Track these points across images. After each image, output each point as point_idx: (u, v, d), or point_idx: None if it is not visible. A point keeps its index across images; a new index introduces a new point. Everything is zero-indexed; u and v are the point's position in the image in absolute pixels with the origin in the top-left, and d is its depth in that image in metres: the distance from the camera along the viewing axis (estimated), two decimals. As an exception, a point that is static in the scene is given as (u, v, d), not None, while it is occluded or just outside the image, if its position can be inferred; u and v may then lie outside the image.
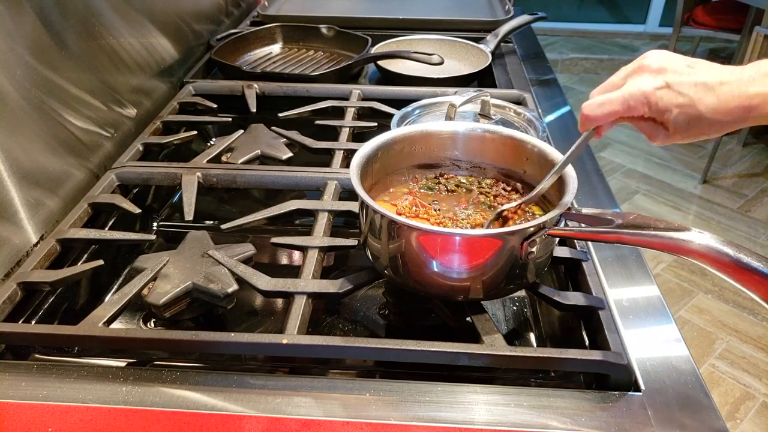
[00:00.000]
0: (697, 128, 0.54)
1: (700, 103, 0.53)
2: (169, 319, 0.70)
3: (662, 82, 0.54)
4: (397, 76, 1.22)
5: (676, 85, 0.54)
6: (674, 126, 0.55)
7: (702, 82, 0.53)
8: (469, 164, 0.78)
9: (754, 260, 0.48)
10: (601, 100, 0.57)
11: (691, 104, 0.53)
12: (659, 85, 0.54)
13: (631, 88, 0.56)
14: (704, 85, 0.53)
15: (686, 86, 0.53)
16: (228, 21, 1.54)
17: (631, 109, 0.56)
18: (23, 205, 0.74)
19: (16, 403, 0.56)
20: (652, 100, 0.55)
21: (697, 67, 0.54)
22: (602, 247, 0.77)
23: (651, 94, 0.54)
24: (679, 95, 0.54)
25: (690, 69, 0.54)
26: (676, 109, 0.54)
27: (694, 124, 0.54)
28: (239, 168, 0.90)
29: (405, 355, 0.59)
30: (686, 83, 0.53)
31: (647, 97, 0.55)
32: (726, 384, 1.83)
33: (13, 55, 0.75)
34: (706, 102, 0.53)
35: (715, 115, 0.53)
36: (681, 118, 0.54)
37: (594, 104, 0.58)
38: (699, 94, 0.53)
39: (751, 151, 3.05)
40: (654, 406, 0.56)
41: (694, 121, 0.54)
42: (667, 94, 0.54)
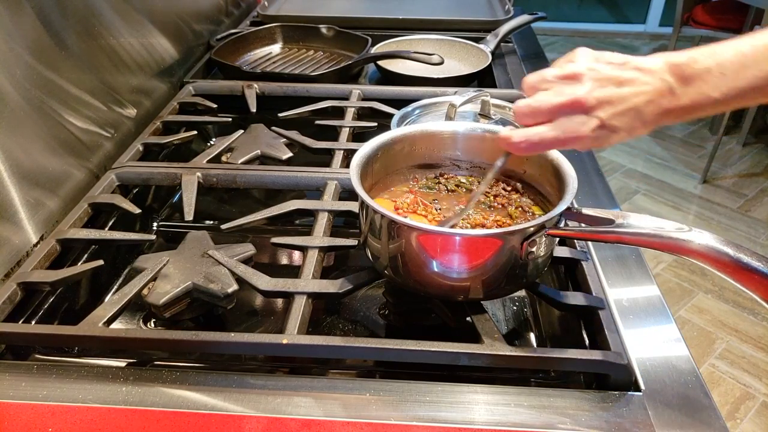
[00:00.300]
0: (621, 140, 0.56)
1: (628, 131, 0.54)
2: (169, 319, 0.70)
3: (597, 121, 0.54)
4: (397, 76, 1.22)
5: (609, 120, 0.54)
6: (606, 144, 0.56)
7: (632, 108, 0.53)
8: (469, 164, 0.78)
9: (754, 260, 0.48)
10: (534, 138, 0.56)
11: (620, 134, 0.54)
12: (595, 125, 0.54)
13: (569, 131, 0.55)
14: (634, 111, 0.53)
15: (617, 118, 0.54)
16: (228, 21, 1.54)
17: (565, 145, 0.56)
18: (23, 205, 0.74)
19: (16, 403, 0.56)
20: (587, 142, 0.55)
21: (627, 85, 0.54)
22: (602, 247, 0.77)
23: (586, 138, 0.54)
24: (610, 131, 0.54)
25: (620, 89, 0.54)
26: (604, 141, 0.55)
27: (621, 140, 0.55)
28: (239, 168, 0.90)
29: (405, 355, 0.59)
30: (618, 115, 0.53)
31: (582, 141, 0.55)
32: (726, 384, 1.83)
33: (12, 55, 0.75)
34: (634, 127, 0.54)
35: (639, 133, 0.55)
36: (608, 142, 0.55)
37: (530, 143, 0.56)
38: (629, 123, 0.54)
39: (751, 150, 3.05)
40: (654, 405, 0.56)
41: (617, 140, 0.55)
42: (602, 133, 0.54)
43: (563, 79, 0.56)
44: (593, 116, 0.54)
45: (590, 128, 0.54)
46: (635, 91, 0.53)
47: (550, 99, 0.55)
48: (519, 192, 0.74)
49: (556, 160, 0.68)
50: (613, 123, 0.54)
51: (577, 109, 0.54)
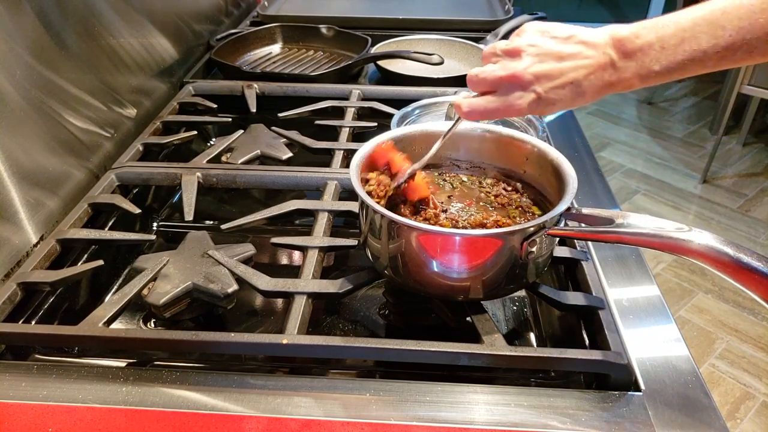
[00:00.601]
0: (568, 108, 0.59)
1: (569, 102, 0.57)
2: (169, 319, 0.70)
3: (533, 95, 0.57)
4: (397, 76, 1.22)
5: (546, 93, 0.56)
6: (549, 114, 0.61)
7: (571, 82, 0.56)
8: (469, 164, 0.78)
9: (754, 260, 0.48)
10: (481, 108, 0.60)
11: (560, 104, 0.57)
12: (531, 99, 0.57)
13: (507, 104, 0.58)
14: (573, 85, 0.56)
15: (555, 91, 0.56)
16: (228, 21, 1.54)
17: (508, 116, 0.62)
18: (23, 206, 0.74)
19: (16, 404, 0.56)
20: (525, 112, 0.59)
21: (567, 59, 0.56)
22: (602, 247, 0.77)
23: (524, 110, 0.58)
24: (548, 103, 0.57)
25: (560, 63, 0.56)
26: (545, 109, 0.58)
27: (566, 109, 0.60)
28: (239, 168, 0.90)
29: (405, 355, 0.59)
30: (556, 88, 0.56)
31: (521, 112, 0.58)
32: (726, 384, 1.83)
33: (12, 55, 0.75)
34: (574, 99, 0.57)
35: (583, 103, 0.57)
36: (550, 111, 0.58)
37: (474, 111, 0.60)
38: (569, 95, 0.56)
39: (751, 150, 3.05)
40: (654, 405, 0.56)
41: (565, 108, 0.60)
42: (539, 105, 0.57)
43: (507, 53, 0.59)
44: (530, 90, 0.57)
45: (527, 102, 0.57)
46: (575, 65, 0.56)
47: (494, 72, 0.59)
48: (519, 192, 0.74)
49: (556, 160, 0.68)
50: (551, 96, 0.56)
51: (515, 83, 0.57)
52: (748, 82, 2.49)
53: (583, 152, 1.00)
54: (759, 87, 2.48)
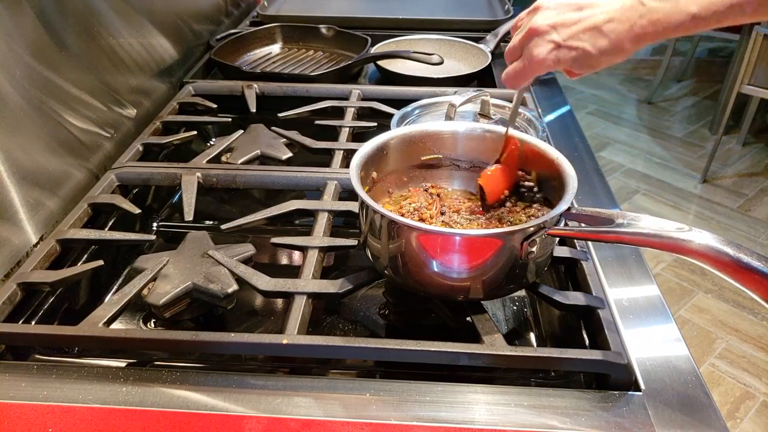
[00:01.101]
0: (600, 64, 0.58)
1: (593, 49, 0.56)
2: (169, 319, 0.70)
3: (551, 44, 0.58)
4: (396, 76, 1.22)
5: (566, 41, 0.57)
6: (579, 69, 0.59)
7: (591, 27, 0.56)
8: (469, 164, 0.78)
9: (754, 260, 0.48)
10: (512, 72, 0.62)
11: (585, 53, 0.57)
12: (549, 48, 0.58)
13: (527, 58, 0.60)
14: (593, 30, 0.56)
15: (576, 38, 0.56)
16: (227, 21, 1.54)
17: (536, 74, 0.61)
18: (23, 206, 0.74)
19: (16, 404, 0.56)
20: (549, 64, 0.59)
21: (587, 8, 0.56)
22: (602, 247, 0.77)
23: (546, 60, 0.58)
24: (570, 50, 0.57)
25: (579, 12, 0.56)
26: (572, 61, 0.58)
27: (596, 62, 0.57)
28: (239, 168, 0.90)
29: (405, 355, 0.59)
30: (575, 35, 0.56)
31: (545, 63, 0.59)
32: (726, 383, 1.83)
33: (12, 55, 0.75)
34: (599, 46, 0.56)
35: (612, 52, 0.56)
36: (581, 64, 0.58)
37: (509, 77, 0.63)
38: (590, 41, 0.56)
39: (751, 150, 3.05)
40: (654, 405, 0.56)
41: (595, 61, 0.57)
42: (560, 53, 0.58)
43: (529, 13, 0.60)
44: (548, 40, 0.58)
45: (546, 51, 0.58)
46: (593, 12, 0.56)
47: (517, 36, 0.61)
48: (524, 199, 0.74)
49: (556, 160, 0.68)
50: (571, 43, 0.57)
51: (533, 35, 0.59)
52: (747, 82, 2.49)
53: (583, 152, 1.00)
54: (759, 87, 2.48)
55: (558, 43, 0.57)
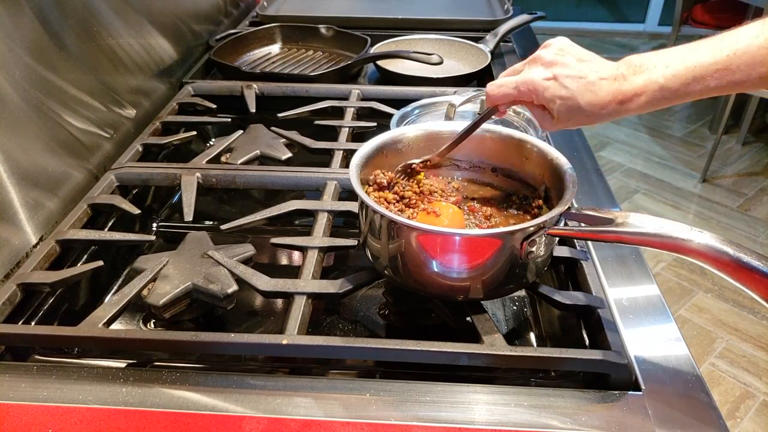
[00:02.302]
0: (577, 118, 0.61)
1: (579, 97, 0.60)
2: (168, 319, 0.70)
3: (550, 74, 0.61)
4: (396, 76, 1.22)
5: (561, 78, 0.61)
6: (557, 114, 0.62)
7: (584, 78, 0.60)
8: (468, 164, 0.78)
9: (753, 259, 0.48)
10: (499, 82, 0.66)
11: (572, 97, 0.60)
12: (548, 76, 0.61)
13: (525, 76, 0.63)
14: (585, 81, 0.60)
15: (570, 80, 0.60)
16: (227, 21, 1.54)
17: (522, 95, 0.64)
18: (23, 206, 0.74)
19: (16, 404, 0.56)
20: (539, 90, 0.62)
21: (587, 63, 0.61)
22: (602, 247, 0.77)
23: (539, 84, 0.62)
24: (562, 88, 0.60)
25: (579, 64, 0.61)
26: (558, 100, 0.61)
27: (575, 114, 0.61)
28: (239, 168, 0.90)
29: (405, 355, 0.59)
30: (571, 77, 0.60)
31: (535, 86, 0.62)
32: (726, 383, 1.83)
33: (12, 56, 0.75)
34: (585, 97, 0.60)
35: (592, 108, 0.60)
36: (563, 108, 0.61)
37: (494, 85, 0.66)
38: (580, 89, 0.60)
39: (751, 150, 3.05)
40: (654, 405, 0.56)
41: (575, 111, 0.61)
42: (552, 86, 0.61)
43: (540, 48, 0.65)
44: (549, 70, 0.61)
45: (544, 76, 0.61)
46: (590, 69, 0.61)
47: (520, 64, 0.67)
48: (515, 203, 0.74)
49: (556, 160, 0.68)
50: (566, 82, 0.60)
51: (537, 62, 0.63)
52: (747, 82, 2.48)
53: (583, 152, 1.00)
54: (758, 86, 2.48)
55: (556, 76, 0.61)
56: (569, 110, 0.61)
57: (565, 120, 0.62)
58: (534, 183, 0.72)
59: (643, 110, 0.59)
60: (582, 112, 0.60)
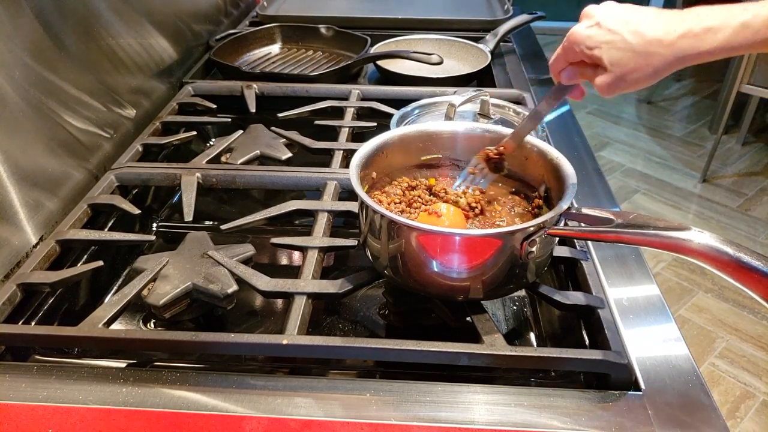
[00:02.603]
0: (634, 63, 0.56)
1: (629, 38, 0.56)
2: (168, 319, 0.70)
3: (593, 22, 0.58)
4: (396, 76, 1.22)
5: (605, 22, 0.57)
6: (609, 63, 0.57)
7: (633, 21, 0.56)
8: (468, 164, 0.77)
9: (754, 259, 0.48)
10: (553, 56, 0.63)
11: (621, 40, 0.56)
12: (589, 24, 0.59)
13: (567, 35, 0.61)
14: (634, 24, 0.56)
15: (615, 23, 0.57)
16: (227, 21, 1.54)
17: (568, 52, 0.60)
18: (23, 206, 0.74)
19: (16, 405, 0.56)
20: (581, 39, 0.59)
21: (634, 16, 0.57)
22: (602, 247, 0.77)
23: (581, 33, 0.59)
24: (608, 32, 0.57)
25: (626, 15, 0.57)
26: (605, 45, 0.57)
27: (628, 58, 0.56)
28: (239, 168, 0.90)
29: (405, 355, 0.59)
30: (617, 22, 0.57)
31: (576, 37, 0.59)
32: (726, 383, 1.83)
33: (11, 56, 0.75)
34: (635, 40, 0.56)
35: (645, 54, 0.56)
36: (613, 53, 0.57)
37: (550, 62, 0.64)
38: (627, 30, 0.56)
39: (751, 149, 3.05)
40: (654, 405, 0.56)
41: (626, 58, 0.56)
42: (596, 32, 0.58)
43: None
44: (591, 18, 0.59)
45: (586, 25, 0.59)
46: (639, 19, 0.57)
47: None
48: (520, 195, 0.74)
49: (556, 160, 0.68)
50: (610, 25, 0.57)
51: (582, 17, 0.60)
52: (747, 81, 2.49)
53: (583, 152, 1.00)
54: (758, 86, 2.48)
55: (599, 22, 0.58)
56: (620, 58, 0.56)
57: (618, 71, 0.57)
58: (534, 183, 0.72)
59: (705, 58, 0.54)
60: (636, 54, 0.56)
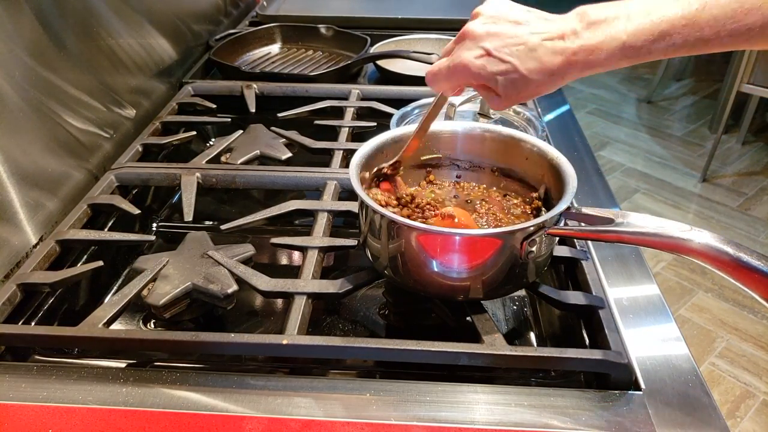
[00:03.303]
0: (527, 90, 0.54)
1: (522, 67, 0.53)
2: (168, 319, 0.69)
3: (481, 50, 0.54)
4: (396, 76, 1.22)
5: (495, 51, 0.53)
6: (503, 91, 0.55)
7: (523, 44, 0.52)
8: (468, 163, 0.78)
9: (753, 259, 0.48)
10: (434, 69, 0.59)
11: (513, 70, 0.53)
12: (479, 54, 0.54)
13: (454, 59, 0.56)
14: (525, 48, 0.52)
15: (506, 52, 0.53)
16: (227, 21, 1.54)
17: (458, 80, 0.57)
18: (23, 207, 0.74)
19: (16, 405, 0.56)
20: (474, 71, 0.55)
21: (524, 25, 0.54)
22: (602, 246, 0.76)
23: (471, 65, 0.55)
24: (500, 62, 0.53)
25: (515, 28, 0.54)
26: (498, 76, 0.54)
27: (522, 86, 0.54)
28: (238, 168, 0.90)
29: (405, 355, 0.59)
30: (507, 48, 0.53)
31: (469, 69, 0.55)
32: (726, 382, 1.83)
33: (11, 56, 0.75)
34: (528, 66, 0.52)
35: (540, 76, 0.52)
36: (507, 84, 0.54)
37: (430, 73, 0.59)
38: (521, 58, 0.53)
39: (751, 149, 3.05)
40: (654, 405, 0.56)
41: (520, 84, 0.53)
42: (488, 63, 0.54)
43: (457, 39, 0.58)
44: (479, 45, 0.54)
45: (474, 55, 0.55)
46: (530, 30, 0.53)
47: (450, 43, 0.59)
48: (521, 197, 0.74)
49: (555, 160, 0.68)
50: (501, 55, 0.53)
51: (465, 38, 0.56)
52: (747, 81, 2.49)
53: (583, 151, 1.00)
54: (758, 86, 2.48)
55: (488, 51, 0.54)
56: (514, 84, 0.54)
57: (514, 96, 0.55)
58: (534, 183, 0.72)
59: (600, 69, 0.51)
60: (529, 83, 0.53)
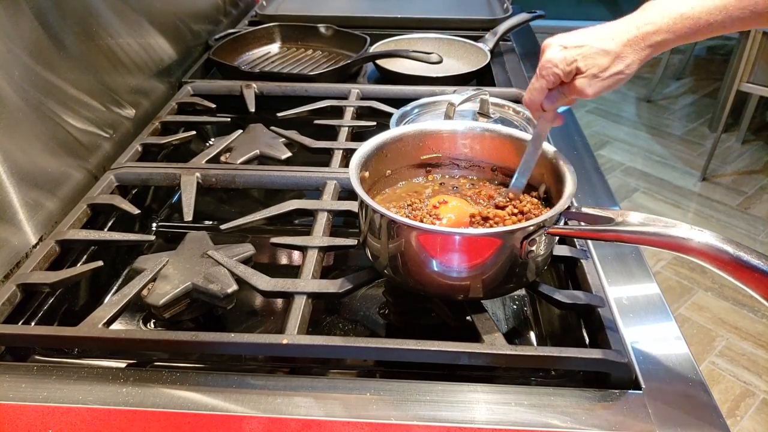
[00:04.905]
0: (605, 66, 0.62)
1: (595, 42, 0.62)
2: (168, 319, 0.70)
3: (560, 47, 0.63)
4: (395, 75, 1.22)
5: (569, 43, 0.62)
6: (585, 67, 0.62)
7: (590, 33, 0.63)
8: (468, 163, 0.78)
9: (753, 258, 0.48)
10: (527, 93, 0.67)
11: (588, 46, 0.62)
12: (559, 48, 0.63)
13: (540, 65, 0.64)
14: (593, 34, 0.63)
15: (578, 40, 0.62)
16: (226, 21, 1.54)
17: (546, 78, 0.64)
18: (22, 207, 0.74)
19: (16, 405, 0.56)
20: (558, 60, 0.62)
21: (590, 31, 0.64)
22: (602, 246, 0.76)
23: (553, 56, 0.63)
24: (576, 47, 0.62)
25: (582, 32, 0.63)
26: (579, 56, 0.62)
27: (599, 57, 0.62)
28: (238, 168, 0.90)
29: (405, 354, 0.59)
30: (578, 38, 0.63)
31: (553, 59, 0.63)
32: (726, 381, 1.83)
33: (11, 56, 0.75)
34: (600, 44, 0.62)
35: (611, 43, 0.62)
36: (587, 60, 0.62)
37: (526, 100, 0.68)
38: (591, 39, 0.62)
39: (750, 148, 3.05)
40: (654, 404, 0.56)
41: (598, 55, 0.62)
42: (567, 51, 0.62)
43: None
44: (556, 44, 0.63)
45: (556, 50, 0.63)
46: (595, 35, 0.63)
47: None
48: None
49: (555, 159, 0.68)
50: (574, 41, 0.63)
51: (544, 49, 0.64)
52: (747, 80, 2.48)
53: (583, 151, 1.00)
54: (758, 84, 2.48)
55: (565, 45, 0.62)
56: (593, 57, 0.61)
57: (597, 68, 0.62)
58: (534, 182, 0.72)
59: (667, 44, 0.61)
60: (604, 53, 0.61)
